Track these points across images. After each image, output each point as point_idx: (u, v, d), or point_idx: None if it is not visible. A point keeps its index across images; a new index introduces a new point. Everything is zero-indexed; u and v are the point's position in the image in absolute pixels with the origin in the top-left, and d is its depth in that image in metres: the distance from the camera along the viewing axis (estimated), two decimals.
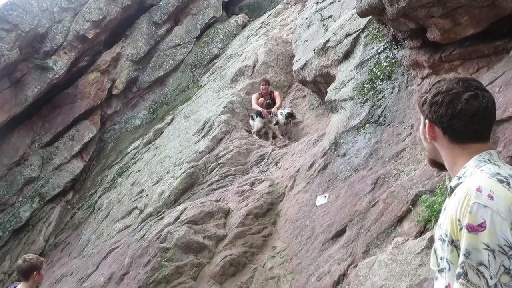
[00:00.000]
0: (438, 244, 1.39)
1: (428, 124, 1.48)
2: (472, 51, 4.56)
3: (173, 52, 14.76)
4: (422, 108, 1.50)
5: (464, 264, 1.21)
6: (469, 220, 1.22)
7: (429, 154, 1.57)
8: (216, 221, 5.72)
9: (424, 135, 1.53)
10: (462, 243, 1.23)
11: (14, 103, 11.63)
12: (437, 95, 1.43)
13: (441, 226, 1.37)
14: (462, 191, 1.30)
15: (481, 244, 1.19)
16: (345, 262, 4.08)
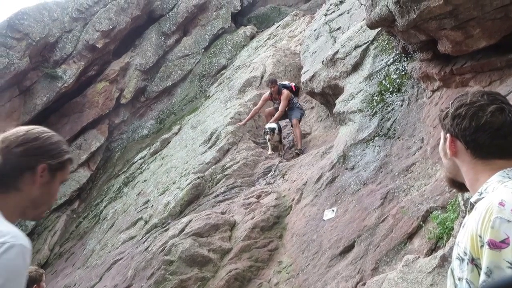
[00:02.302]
0: (455, 264, 1.29)
1: (449, 139, 1.39)
2: (484, 64, 4.47)
3: (181, 63, 14.82)
4: (443, 122, 1.41)
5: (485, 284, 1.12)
6: (491, 236, 1.13)
7: (449, 172, 1.47)
8: (221, 233, 5.62)
9: (444, 151, 1.44)
10: (484, 261, 1.14)
11: (23, 111, 11.71)
12: (460, 107, 1.35)
13: (459, 244, 1.28)
14: (484, 205, 1.20)
15: (504, 262, 1.10)
16: (353, 279, 3.96)
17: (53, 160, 1.38)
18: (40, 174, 1.36)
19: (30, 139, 1.36)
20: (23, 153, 1.33)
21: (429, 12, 4.14)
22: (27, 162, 1.34)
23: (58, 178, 1.42)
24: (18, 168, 1.33)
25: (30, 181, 1.35)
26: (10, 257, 1.15)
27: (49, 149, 1.39)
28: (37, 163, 1.35)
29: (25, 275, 1.20)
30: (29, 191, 1.35)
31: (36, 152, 1.36)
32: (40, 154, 1.36)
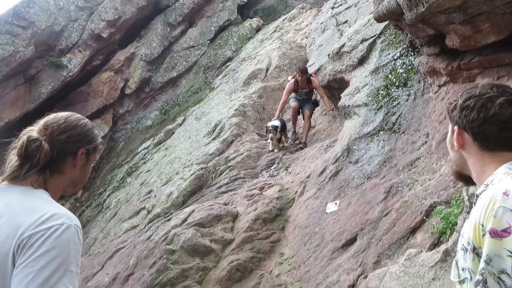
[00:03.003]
0: (460, 255, 1.29)
1: (457, 131, 1.38)
2: (492, 59, 4.43)
3: (186, 54, 14.78)
4: (452, 114, 1.41)
5: (484, 271, 1.12)
6: (493, 224, 1.12)
7: (456, 165, 1.46)
8: (223, 224, 5.63)
9: (451, 144, 1.43)
10: (484, 249, 1.14)
11: (28, 100, 11.72)
12: (469, 99, 1.34)
13: (463, 235, 1.27)
14: (488, 195, 1.20)
15: (504, 250, 1.09)
16: (355, 272, 3.97)
17: (90, 145, 1.57)
18: (80, 158, 1.54)
19: (71, 126, 1.52)
20: (66, 139, 1.49)
21: (438, 6, 4.09)
22: (70, 148, 1.50)
23: (91, 159, 1.60)
24: (62, 154, 1.48)
25: (71, 165, 1.52)
26: (69, 236, 1.32)
27: (87, 135, 1.57)
28: (78, 149, 1.52)
29: (80, 250, 1.38)
30: (70, 173, 1.52)
31: (76, 138, 1.52)
32: (79, 141, 1.53)
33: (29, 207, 1.36)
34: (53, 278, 1.23)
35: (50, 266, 1.24)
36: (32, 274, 1.22)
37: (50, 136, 1.47)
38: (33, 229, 1.29)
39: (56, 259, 1.26)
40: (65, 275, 1.26)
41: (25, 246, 1.26)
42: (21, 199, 1.38)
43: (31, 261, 1.24)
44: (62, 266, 1.26)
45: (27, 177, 1.44)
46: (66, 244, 1.30)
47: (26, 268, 1.23)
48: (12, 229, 1.30)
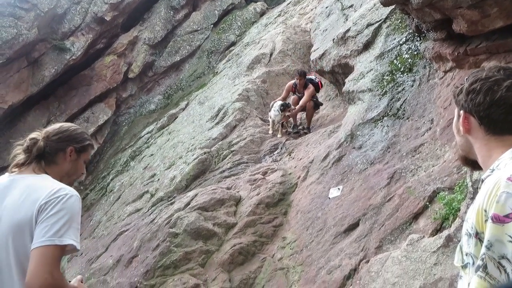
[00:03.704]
0: (464, 240, 1.27)
1: (463, 115, 1.36)
2: (499, 44, 4.37)
3: (190, 38, 14.67)
4: (458, 98, 1.38)
5: (485, 256, 1.11)
6: (496, 210, 1.11)
7: (462, 150, 1.44)
8: (226, 208, 5.66)
9: (457, 128, 1.41)
10: (486, 234, 1.13)
11: (31, 83, 11.70)
12: (475, 82, 1.31)
13: (468, 220, 1.26)
14: (492, 180, 1.18)
15: (506, 236, 1.08)
16: (356, 256, 3.99)
17: (77, 145, 2.03)
18: (69, 153, 2.01)
19: (63, 130, 2.03)
20: (57, 139, 1.99)
21: None
22: (60, 145, 1.99)
23: (82, 157, 2.07)
24: (54, 149, 1.98)
25: (63, 159, 2.00)
26: (73, 202, 1.81)
27: (75, 137, 2.04)
28: (67, 146, 2.00)
29: (80, 214, 1.85)
30: (62, 165, 2.00)
31: (66, 139, 2.01)
32: (68, 141, 2.01)
33: (42, 185, 1.85)
34: (62, 230, 1.72)
35: (59, 222, 1.73)
36: (48, 227, 1.71)
37: (46, 137, 1.98)
38: (47, 198, 1.78)
39: (64, 217, 1.75)
40: (70, 229, 1.75)
41: (43, 209, 1.76)
42: (35, 181, 1.88)
43: (47, 218, 1.73)
44: (68, 222, 1.75)
45: (29, 165, 1.95)
46: (70, 207, 1.78)
47: (44, 223, 1.73)
48: (33, 200, 1.79)
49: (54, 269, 1.67)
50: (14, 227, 1.77)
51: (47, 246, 1.68)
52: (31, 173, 1.92)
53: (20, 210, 1.78)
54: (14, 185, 1.87)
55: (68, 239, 1.72)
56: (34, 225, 1.74)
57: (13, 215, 1.79)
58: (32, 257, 1.67)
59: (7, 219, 1.79)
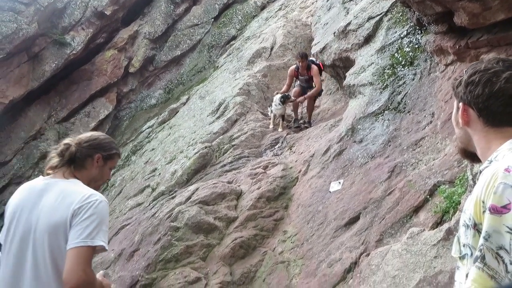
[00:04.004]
0: (461, 231, 1.29)
1: (462, 107, 1.36)
2: (501, 37, 4.35)
3: (190, 32, 14.63)
4: (457, 90, 1.38)
5: (483, 247, 1.12)
6: (493, 201, 1.12)
7: (461, 142, 1.45)
8: (227, 202, 5.67)
9: (456, 120, 1.41)
10: (484, 225, 1.13)
11: (31, 78, 11.70)
12: (474, 74, 1.31)
13: (465, 211, 1.27)
14: (490, 172, 1.19)
15: (503, 226, 1.09)
16: (357, 250, 4.00)
17: (104, 152, 2.25)
18: (96, 160, 2.22)
19: (93, 138, 2.25)
20: (88, 146, 2.20)
21: None
22: (90, 152, 2.21)
23: (108, 165, 2.29)
24: (84, 155, 2.19)
25: (91, 164, 2.21)
26: (102, 207, 2.03)
27: (103, 146, 2.26)
28: (95, 153, 2.22)
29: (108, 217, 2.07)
30: (90, 170, 2.21)
31: (95, 146, 2.22)
32: (97, 148, 2.23)
33: (74, 190, 2.06)
34: (93, 233, 1.93)
35: (91, 225, 1.94)
36: (81, 230, 1.93)
37: (78, 143, 2.20)
38: (80, 203, 1.99)
39: (95, 221, 1.96)
40: (100, 231, 1.97)
41: (76, 214, 1.97)
42: (68, 186, 2.09)
43: (80, 222, 1.94)
44: (98, 225, 1.96)
45: (61, 168, 2.16)
46: (100, 212, 2.00)
47: (78, 226, 1.94)
48: (67, 204, 2.00)
49: (87, 267, 1.91)
50: (50, 228, 1.98)
51: (81, 247, 1.90)
52: (62, 177, 2.14)
53: (55, 213, 2.00)
54: (49, 189, 2.09)
55: (98, 241, 1.95)
56: (69, 227, 1.96)
57: (49, 217, 2.00)
58: (68, 256, 1.90)
59: (44, 220, 2.00)
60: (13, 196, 2.18)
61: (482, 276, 1.11)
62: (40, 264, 1.97)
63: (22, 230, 2.02)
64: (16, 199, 2.14)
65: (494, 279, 1.09)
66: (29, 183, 2.21)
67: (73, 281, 1.85)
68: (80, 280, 1.85)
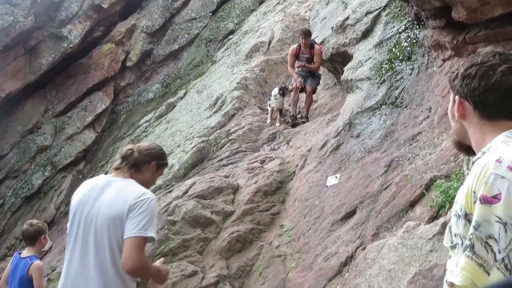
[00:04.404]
0: (453, 221, 1.30)
1: (458, 100, 1.36)
2: (498, 33, 4.35)
3: (188, 26, 14.57)
4: (453, 83, 1.39)
5: (473, 236, 1.13)
6: (484, 191, 1.13)
7: (456, 135, 1.46)
8: (224, 196, 5.68)
9: (452, 113, 1.43)
10: (474, 215, 1.15)
11: (28, 71, 11.65)
12: (470, 67, 1.32)
13: (457, 201, 1.29)
14: (481, 163, 1.21)
15: (493, 216, 1.11)
16: (353, 244, 4.02)
17: (159, 161, 2.67)
18: (152, 166, 2.62)
19: (151, 148, 2.67)
20: (147, 154, 2.61)
21: None
22: (148, 159, 2.60)
23: (158, 172, 2.70)
24: (143, 162, 2.58)
25: (147, 169, 2.61)
26: (154, 204, 2.40)
27: (159, 155, 2.69)
28: (152, 160, 2.62)
29: (157, 213, 2.52)
30: (145, 174, 2.60)
31: (152, 155, 2.64)
32: (154, 156, 2.64)
33: (130, 188, 2.42)
34: (146, 225, 2.29)
35: (144, 219, 2.29)
36: (136, 223, 2.28)
37: (139, 151, 2.59)
38: (135, 200, 2.34)
39: (147, 216, 2.31)
40: (152, 225, 2.33)
41: (132, 209, 2.32)
42: (124, 185, 2.46)
43: (135, 216, 2.30)
44: (150, 219, 2.32)
45: (122, 169, 2.54)
46: (151, 208, 2.35)
47: (133, 219, 2.29)
48: (124, 200, 2.35)
49: (141, 253, 2.29)
50: (109, 220, 2.33)
51: (136, 237, 2.26)
52: (121, 177, 2.50)
53: (114, 207, 2.35)
54: (109, 186, 2.45)
55: (150, 232, 2.30)
56: (125, 220, 2.30)
57: (108, 210, 2.35)
58: (125, 245, 2.27)
59: (104, 213, 2.36)
60: (77, 190, 2.57)
61: (471, 264, 1.12)
62: (101, 249, 2.33)
63: (85, 220, 2.39)
64: (79, 193, 2.51)
65: (483, 267, 1.11)
66: (92, 180, 2.60)
67: (129, 265, 2.24)
68: (135, 265, 2.24)
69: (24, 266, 4.01)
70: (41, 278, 4.06)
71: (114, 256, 2.31)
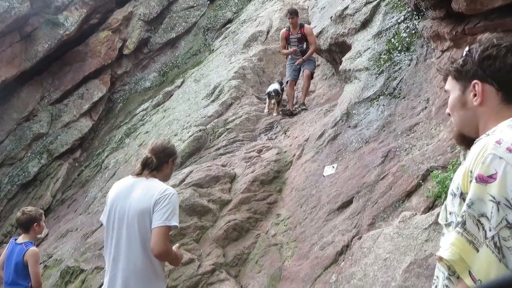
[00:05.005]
0: (449, 199, 1.31)
1: (480, 84, 1.30)
2: (498, 24, 4.34)
3: (186, 14, 14.45)
4: (463, 69, 1.34)
5: (465, 213, 1.15)
6: (480, 170, 1.14)
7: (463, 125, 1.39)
8: (221, 185, 5.68)
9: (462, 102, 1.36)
10: (469, 193, 1.16)
11: (24, 58, 11.54)
12: (487, 49, 1.28)
13: (454, 181, 1.29)
14: (481, 143, 1.21)
15: (487, 195, 1.12)
16: (349, 233, 4.04)
17: (174, 157, 3.09)
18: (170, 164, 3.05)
19: (165, 148, 3.02)
20: (164, 155, 3.00)
21: None
22: (165, 159, 3.00)
23: (174, 164, 3.12)
24: (162, 162, 2.98)
25: (166, 167, 3.01)
26: (176, 198, 2.83)
27: (173, 152, 3.09)
28: (169, 159, 3.02)
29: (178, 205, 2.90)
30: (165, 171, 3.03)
31: (168, 154, 3.03)
32: (170, 155, 3.03)
33: (155, 186, 2.85)
34: (170, 216, 2.73)
35: (168, 211, 2.73)
36: (162, 214, 2.71)
37: (156, 155, 2.95)
38: (160, 195, 2.77)
39: (170, 208, 2.74)
40: (174, 215, 2.76)
41: (157, 203, 2.75)
42: (150, 183, 2.88)
43: (161, 209, 2.73)
44: (173, 211, 2.75)
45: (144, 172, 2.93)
46: (173, 201, 2.79)
47: (159, 212, 2.73)
48: (150, 196, 2.79)
49: (166, 240, 2.73)
50: (138, 214, 2.77)
51: (162, 227, 2.70)
52: (144, 177, 2.91)
53: (142, 202, 2.78)
54: (137, 185, 2.89)
55: (173, 222, 2.75)
56: (152, 213, 2.74)
57: (137, 205, 2.79)
58: (153, 233, 2.70)
59: (134, 207, 2.79)
60: (111, 189, 3.02)
61: (461, 240, 1.14)
62: (132, 238, 2.78)
63: (118, 214, 2.84)
64: (114, 191, 2.96)
65: (472, 244, 1.13)
66: (122, 180, 3.05)
67: (156, 250, 2.68)
68: (162, 250, 2.69)
69: (19, 252, 4.02)
70: (37, 264, 4.07)
71: (144, 243, 2.75)
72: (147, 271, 2.80)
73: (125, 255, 2.79)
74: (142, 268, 2.78)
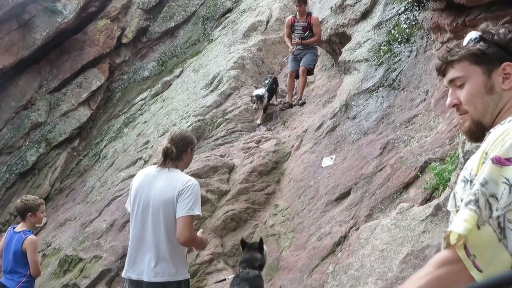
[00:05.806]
0: (459, 186, 1.27)
1: (510, 66, 1.27)
2: (499, 15, 4.31)
3: (185, 3, 14.32)
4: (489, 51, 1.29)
5: (478, 191, 1.12)
6: (498, 152, 1.12)
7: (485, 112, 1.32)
8: (220, 176, 5.70)
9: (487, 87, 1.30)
10: (482, 173, 1.13)
11: (22, 46, 11.45)
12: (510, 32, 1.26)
13: (467, 167, 1.26)
14: (501, 129, 1.18)
15: (501, 177, 1.10)
16: (347, 224, 4.06)
17: (193, 145, 3.19)
18: (189, 151, 3.14)
19: (184, 137, 3.11)
20: (183, 144, 3.07)
21: None
22: (184, 148, 3.08)
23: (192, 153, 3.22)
24: (181, 151, 3.08)
25: (186, 155, 3.11)
26: (198, 188, 2.99)
27: (192, 140, 3.18)
28: (188, 147, 3.11)
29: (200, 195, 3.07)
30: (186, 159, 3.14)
31: (187, 143, 3.11)
32: (188, 143, 3.12)
33: (177, 177, 3.00)
34: (193, 206, 2.89)
35: (191, 201, 2.89)
36: (185, 204, 2.88)
37: (175, 144, 3.03)
38: (182, 186, 2.92)
39: (193, 198, 2.90)
40: (197, 205, 2.93)
41: (181, 193, 2.90)
42: (172, 174, 3.01)
43: (184, 199, 2.88)
44: (195, 201, 2.91)
45: (166, 162, 3.02)
46: (196, 192, 2.94)
47: (183, 202, 2.88)
48: (173, 186, 2.94)
49: (191, 228, 2.90)
50: (163, 204, 2.92)
51: (186, 216, 2.87)
52: (167, 167, 3.02)
53: (166, 193, 2.93)
54: (160, 175, 3.01)
55: (196, 211, 2.92)
56: (176, 203, 2.89)
57: (161, 195, 2.94)
58: (178, 223, 2.87)
59: (158, 197, 2.94)
60: (134, 178, 3.16)
61: (474, 217, 1.11)
62: (157, 226, 2.93)
63: (143, 203, 2.98)
64: (137, 181, 3.10)
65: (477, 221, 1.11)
66: (145, 170, 3.22)
67: (182, 238, 2.86)
68: (187, 237, 2.88)
69: (18, 240, 4.03)
70: (35, 252, 4.08)
71: (168, 231, 2.92)
72: (172, 257, 2.95)
73: (152, 242, 2.95)
74: (167, 254, 2.94)
